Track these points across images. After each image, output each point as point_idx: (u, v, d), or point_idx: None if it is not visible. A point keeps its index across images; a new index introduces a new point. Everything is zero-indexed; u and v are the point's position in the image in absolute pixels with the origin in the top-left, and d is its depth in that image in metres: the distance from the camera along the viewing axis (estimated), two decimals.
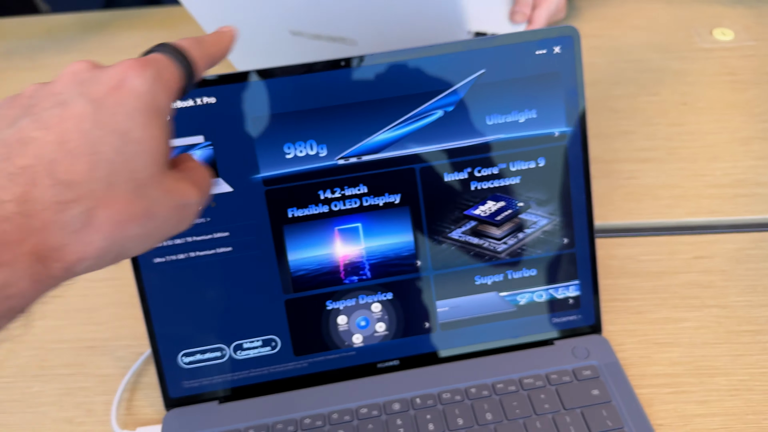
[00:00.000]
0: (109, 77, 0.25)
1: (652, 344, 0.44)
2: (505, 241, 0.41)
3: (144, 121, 0.25)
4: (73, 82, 0.25)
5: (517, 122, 0.40)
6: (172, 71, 0.27)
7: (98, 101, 0.24)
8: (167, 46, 0.28)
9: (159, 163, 0.25)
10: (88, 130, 0.24)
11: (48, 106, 0.24)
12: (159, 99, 0.25)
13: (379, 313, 0.42)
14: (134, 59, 0.26)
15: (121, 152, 0.24)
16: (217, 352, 0.41)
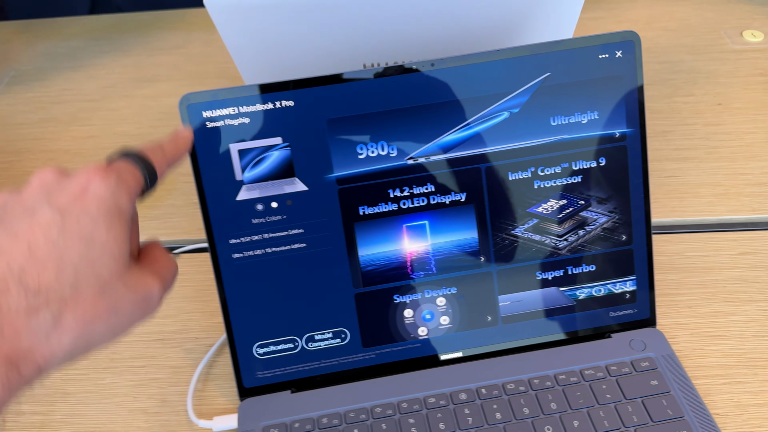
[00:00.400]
0: (74, 185, 0.27)
1: (704, 337, 0.46)
2: (566, 238, 0.43)
3: (107, 224, 0.27)
4: (41, 192, 0.27)
5: (580, 123, 0.41)
6: (133, 175, 0.29)
7: (64, 209, 0.26)
8: (130, 154, 0.31)
9: (121, 261, 0.27)
10: (55, 238, 0.26)
11: (18, 215, 0.26)
12: (121, 202, 0.28)
13: (444, 307, 0.43)
14: (98, 167, 0.28)
15: (86, 256, 0.26)
16: (290, 343, 0.43)
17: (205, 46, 0.80)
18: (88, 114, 0.71)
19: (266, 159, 0.40)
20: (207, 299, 0.51)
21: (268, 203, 0.41)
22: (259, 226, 0.41)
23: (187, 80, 0.74)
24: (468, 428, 0.40)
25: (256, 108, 0.39)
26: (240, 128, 0.40)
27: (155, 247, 0.31)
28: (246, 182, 0.40)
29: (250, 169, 0.40)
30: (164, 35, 0.82)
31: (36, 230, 0.26)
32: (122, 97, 0.73)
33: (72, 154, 0.66)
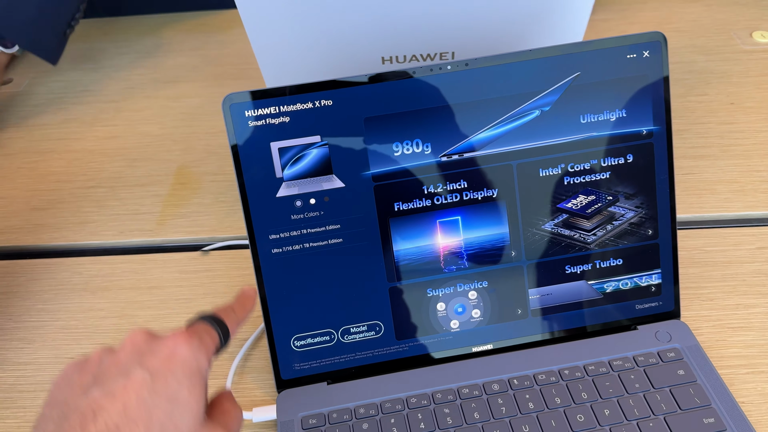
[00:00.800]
0: (163, 348, 0.31)
1: (727, 328, 0.47)
2: (595, 233, 0.44)
3: (189, 385, 0.30)
4: (133, 353, 0.31)
5: (609, 121, 0.43)
6: (211, 336, 0.33)
7: (154, 371, 0.30)
8: (207, 317, 0.35)
9: (198, 418, 0.30)
10: (146, 398, 0.29)
11: (114, 376, 0.30)
12: (201, 363, 0.31)
13: (475, 300, 0.45)
14: (183, 332, 0.32)
15: (171, 415, 0.29)
16: (326, 336, 0.44)
17: (222, 47, 0.81)
18: (110, 115, 0.72)
19: (305, 157, 0.41)
20: None
21: (306, 200, 0.42)
22: (298, 222, 0.42)
23: (206, 81, 0.75)
24: (502, 417, 0.41)
25: (296, 107, 0.41)
26: (280, 127, 0.41)
27: (225, 398, 0.34)
28: (286, 179, 0.41)
29: (289, 166, 0.41)
30: (181, 37, 0.83)
31: (130, 390, 0.29)
32: (143, 98, 0.74)
33: (96, 154, 0.67)
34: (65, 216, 0.61)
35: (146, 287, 0.54)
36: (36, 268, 0.56)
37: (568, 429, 0.40)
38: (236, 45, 0.81)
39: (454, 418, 0.41)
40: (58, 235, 0.59)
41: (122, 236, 0.58)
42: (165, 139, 0.68)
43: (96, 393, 0.29)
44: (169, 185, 0.62)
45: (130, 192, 0.62)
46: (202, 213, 0.60)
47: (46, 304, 0.53)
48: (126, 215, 0.60)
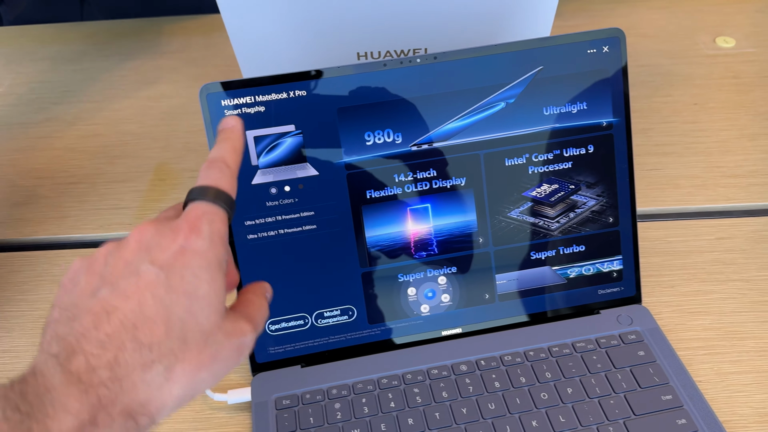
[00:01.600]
0: (172, 243, 0.28)
1: (686, 313, 0.49)
2: (558, 220, 0.46)
3: (208, 278, 0.28)
4: (140, 250, 0.28)
5: (570, 113, 0.45)
6: (221, 218, 0.30)
7: (167, 267, 0.28)
8: (206, 194, 0.30)
9: (220, 311, 0.29)
10: (162, 295, 0.27)
11: (123, 275, 0.28)
12: (218, 252, 0.29)
13: (445, 285, 0.46)
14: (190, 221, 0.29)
15: (190, 310, 0.27)
16: (301, 320, 0.45)
17: (203, 50, 0.82)
18: (92, 114, 0.73)
19: (280, 145, 0.43)
20: None
21: (281, 187, 0.43)
22: (273, 209, 0.43)
23: (187, 82, 0.77)
24: (469, 396, 0.42)
25: (271, 97, 0.42)
26: (256, 116, 0.42)
27: (250, 289, 0.33)
28: (261, 167, 0.43)
29: (264, 154, 0.43)
30: (163, 40, 0.85)
31: (144, 289, 0.27)
32: (124, 98, 0.75)
33: (77, 152, 0.67)
34: (45, 211, 0.61)
35: None
36: (16, 261, 0.57)
37: (533, 406, 0.42)
38: (217, 47, 0.83)
39: (423, 397, 0.42)
40: (38, 228, 0.59)
41: (102, 230, 0.59)
42: (145, 137, 0.69)
43: (105, 293, 0.27)
44: (148, 181, 0.63)
45: (110, 188, 0.63)
46: None
47: (26, 294, 0.54)
48: (106, 210, 0.61)
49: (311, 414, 0.42)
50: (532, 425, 0.40)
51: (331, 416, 0.42)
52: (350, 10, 0.51)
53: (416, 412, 0.42)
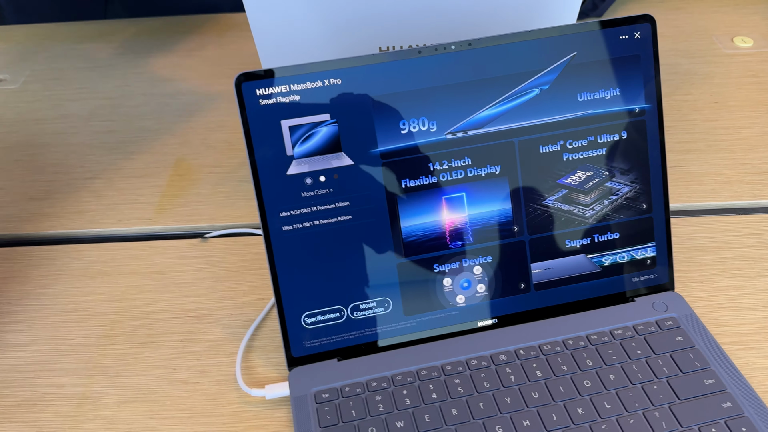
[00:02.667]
0: None
1: (717, 308, 0.49)
2: (593, 207, 0.46)
3: None
4: None
5: (604, 99, 0.45)
6: None
7: None
8: None
9: None
10: None
11: None
12: None
13: (480, 275, 0.46)
14: None
15: None
16: (336, 313, 0.44)
17: (218, 48, 0.82)
18: (108, 111, 0.72)
19: (315, 135, 0.42)
20: (239, 279, 0.53)
21: (316, 177, 0.43)
22: (308, 200, 0.43)
23: (202, 80, 0.76)
24: (511, 385, 0.42)
25: (306, 86, 0.42)
26: (291, 105, 0.42)
27: None
28: (296, 157, 0.42)
29: (300, 144, 0.42)
30: (178, 39, 0.84)
31: None
32: (140, 95, 0.74)
33: (93, 147, 0.67)
34: (63, 206, 0.60)
35: (146, 272, 0.54)
36: (34, 255, 0.56)
37: (577, 394, 0.41)
38: (232, 47, 0.82)
39: (465, 388, 0.42)
40: (56, 223, 0.59)
41: (121, 224, 0.58)
42: (162, 133, 0.68)
43: None
44: (167, 176, 0.63)
45: (128, 183, 0.62)
46: (200, 203, 0.60)
47: (45, 288, 0.53)
48: (124, 205, 0.60)
49: (352, 407, 0.41)
50: (578, 412, 0.40)
51: (373, 408, 0.41)
52: (372, 3, 0.51)
53: (459, 403, 0.41)
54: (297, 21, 0.51)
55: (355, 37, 0.53)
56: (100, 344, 0.49)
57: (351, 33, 0.53)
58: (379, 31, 0.53)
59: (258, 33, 0.52)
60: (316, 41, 0.53)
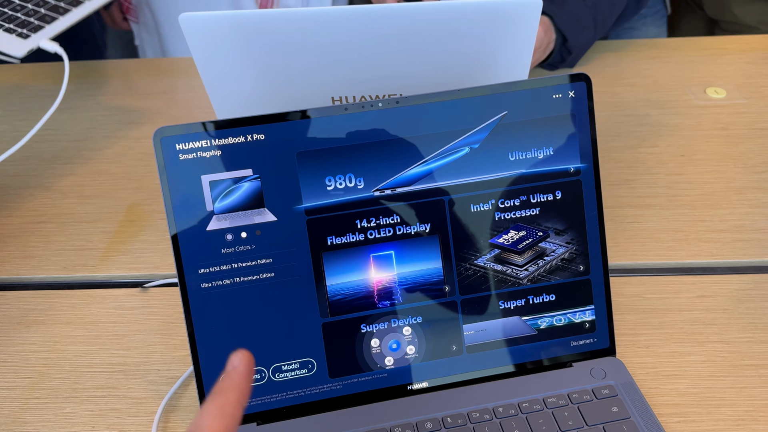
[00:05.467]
0: None
1: (661, 376, 0.47)
2: (527, 268, 0.45)
3: None
4: None
5: (537, 158, 0.44)
6: None
7: None
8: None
9: None
10: None
11: None
12: None
13: (410, 336, 0.44)
14: None
15: None
16: (257, 374, 0.43)
17: (189, 91, 0.83)
18: (71, 153, 0.72)
19: (237, 190, 0.42)
20: (171, 332, 0.52)
21: (237, 233, 0.42)
22: (229, 256, 0.42)
23: (169, 123, 0.76)
24: None
25: (228, 141, 0.41)
26: (212, 160, 0.41)
27: None
28: (216, 212, 0.42)
29: (220, 199, 0.42)
30: (149, 81, 0.85)
31: None
32: (105, 137, 0.74)
33: (51, 191, 0.67)
34: (11, 250, 0.60)
35: (81, 322, 0.53)
36: None
37: None
38: (202, 89, 0.83)
39: None
40: (1, 268, 0.58)
41: (65, 271, 0.58)
42: (121, 177, 0.69)
43: None
44: (118, 222, 0.62)
45: (78, 228, 0.62)
46: (147, 250, 0.59)
47: None
48: (72, 250, 0.60)
49: None
50: None
51: None
52: (325, 55, 0.51)
53: None
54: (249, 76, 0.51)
55: (309, 88, 0.53)
56: (24, 398, 0.48)
57: (304, 84, 0.53)
58: (332, 83, 0.53)
59: (212, 90, 0.52)
60: (269, 92, 0.53)
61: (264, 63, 0.51)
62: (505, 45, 0.50)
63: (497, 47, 0.50)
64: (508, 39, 0.50)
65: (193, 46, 0.49)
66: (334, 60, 0.51)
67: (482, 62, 0.51)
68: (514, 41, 0.50)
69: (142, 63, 0.90)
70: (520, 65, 0.52)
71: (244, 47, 0.49)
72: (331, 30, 0.49)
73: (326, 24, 0.48)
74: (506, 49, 0.51)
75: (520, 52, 0.51)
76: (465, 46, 0.50)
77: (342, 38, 0.49)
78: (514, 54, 0.51)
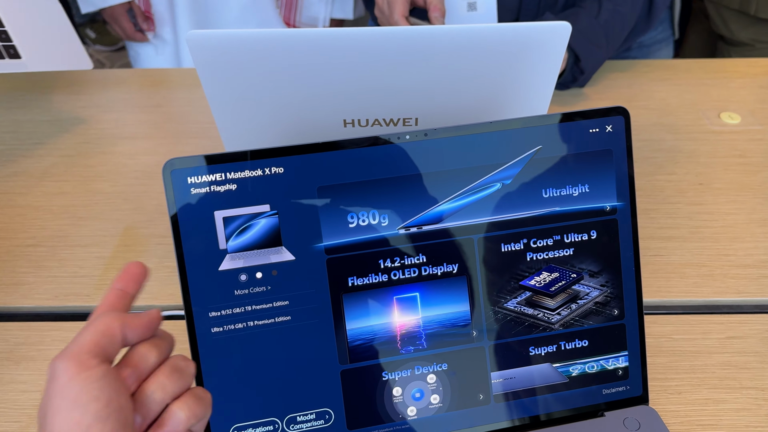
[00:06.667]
0: None
1: (696, 426, 0.44)
2: (559, 312, 0.42)
3: None
4: None
5: (571, 196, 0.41)
6: None
7: None
8: None
9: None
10: None
11: None
12: None
13: (434, 385, 0.41)
14: None
15: None
16: (270, 426, 0.40)
17: (186, 105, 0.79)
18: (62, 170, 0.68)
19: (252, 227, 0.39)
20: None
21: (252, 273, 0.39)
22: (242, 298, 0.39)
23: (166, 139, 0.73)
24: None
25: (244, 174, 0.38)
26: (226, 195, 0.38)
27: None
28: (230, 251, 0.38)
29: (235, 237, 0.38)
30: (146, 93, 0.81)
31: None
32: (99, 153, 0.71)
33: (41, 211, 0.63)
34: None
35: None
36: None
37: None
38: (201, 103, 0.80)
39: None
40: None
41: (57, 300, 0.54)
42: (116, 197, 0.65)
43: None
44: (113, 246, 0.59)
45: (71, 252, 0.58)
46: None
47: None
48: (64, 278, 0.56)
49: None
50: None
51: None
52: (338, 76, 0.48)
53: None
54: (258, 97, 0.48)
55: (320, 110, 0.50)
56: None
57: (316, 106, 0.50)
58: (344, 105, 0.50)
59: (218, 112, 0.49)
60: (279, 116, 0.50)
61: (274, 83, 0.47)
62: (529, 71, 0.48)
63: (521, 74, 0.48)
64: (533, 65, 0.47)
65: (200, 65, 0.46)
66: (348, 82, 0.48)
67: (504, 89, 0.49)
68: (539, 68, 0.48)
69: (137, 73, 0.86)
70: (543, 93, 0.50)
71: (253, 67, 0.46)
72: (346, 51, 0.46)
73: (340, 45, 0.45)
74: (530, 76, 0.48)
75: (545, 79, 0.49)
76: (487, 72, 0.48)
77: (357, 60, 0.46)
78: (538, 81, 0.49)
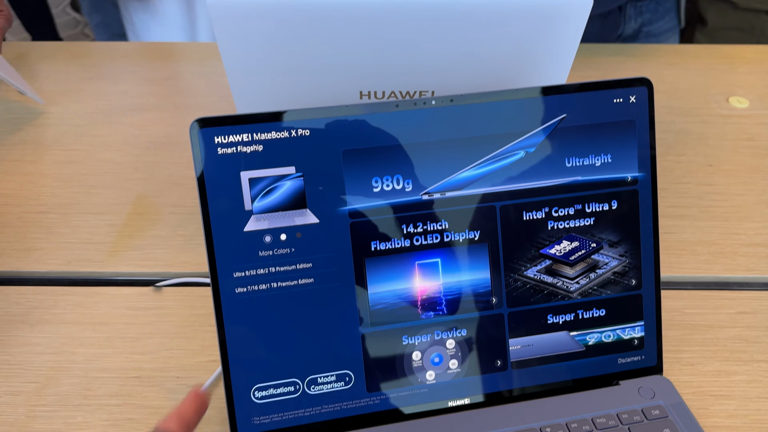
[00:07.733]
0: None
1: (708, 396, 0.45)
2: (578, 281, 0.42)
3: None
4: None
5: (594, 166, 0.42)
6: None
7: None
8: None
9: None
10: None
11: None
12: None
13: (453, 350, 0.42)
14: None
15: None
16: (291, 386, 0.40)
17: (195, 78, 0.79)
18: (71, 139, 0.68)
19: (278, 189, 0.39)
20: (189, 336, 0.48)
21: (277, 235, 0.39)
22: (266, 259, 0.39)
23: (176, 111, 0.72)
24: None
25: (271, 136, 0.38)
26: (252, 156, 0.38)
27: None
28: (255, 212, 0.38)
29: (260, 198, 0.38)
30: (154, 66, 0.81)
31: None
32: (108, 124, 0.70)
33: (51, 178, 0.62)
34: (10, 241, 0.55)
35: (90, 323, 0.49)
36: None
37: None
38: (211, 77, 0.79)
39: None
40: (0, 261, 0.54)
41: (70, 266, 0.54)
42: (126, 167, 0.64)
43: None
44: (125, 214, 0.58)
45: (83, 220, 0.58)
46: (158, 246, 0.55)
47: None
48: (76, 244, 0.55)
49: None
50: None
51: None
52: (356, 47, 0.48)
53: None
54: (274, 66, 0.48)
55: (336, 81, 0.50)
56: (30, 404, 0.44)
57: (332, 76, 0.49)
58: (361, 76, 0.50)
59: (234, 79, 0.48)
60: (295, 83, 0.50)
61: (293, 52, 0.47)
62: (548, 45, 0.48)
63: (540, 47, 0.48)
64: (553, 39, 0.47)
65: (219, 33, 0.45)
66: (366, 52, 0.48)
67: (522, 61, 0.49)
68: (558, 41, 0.48)
69: (146, 46, 0.85)
70: (561, 68, 0.50)
71: (273, 35, 0.45)
72: (366, 21, 0.46)
73: (361, 15, 0.45)
74: (549, 49, 0.48)
75: (563, 53, 0.49)
76: (506, 44, 0.48)
77: (376, 30, 0.46)
78: (557, 55, 0.49)
